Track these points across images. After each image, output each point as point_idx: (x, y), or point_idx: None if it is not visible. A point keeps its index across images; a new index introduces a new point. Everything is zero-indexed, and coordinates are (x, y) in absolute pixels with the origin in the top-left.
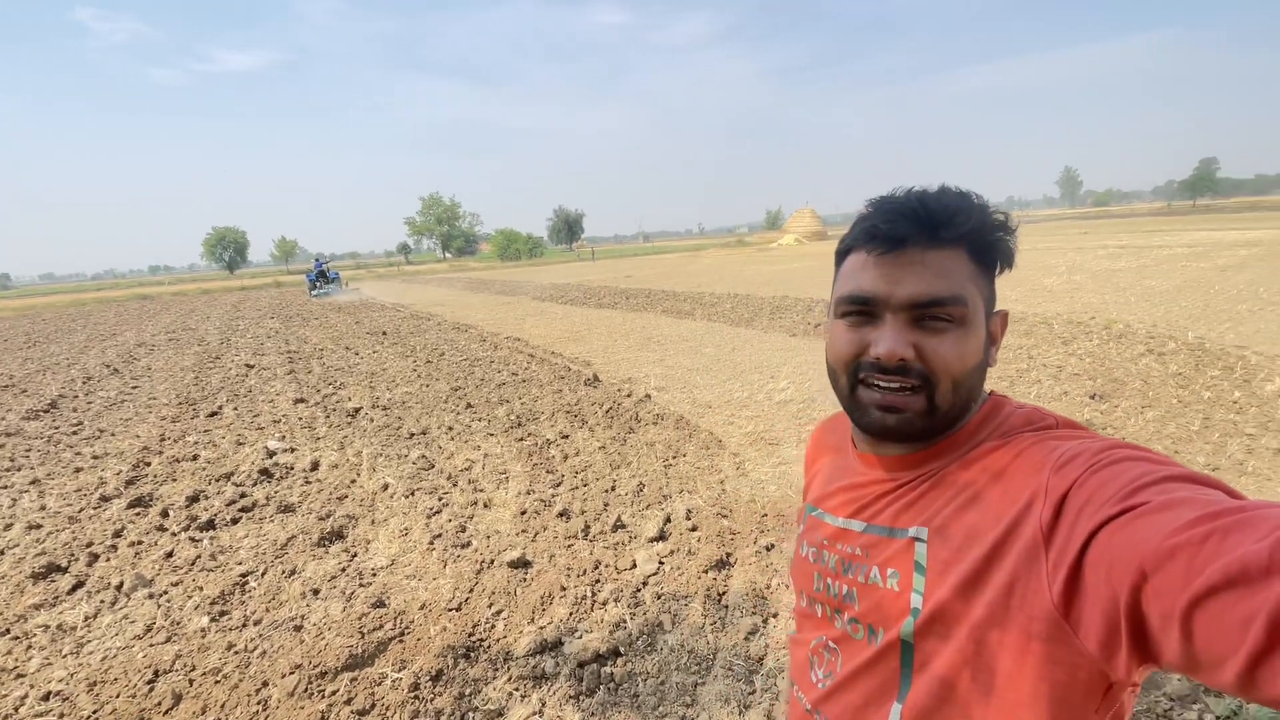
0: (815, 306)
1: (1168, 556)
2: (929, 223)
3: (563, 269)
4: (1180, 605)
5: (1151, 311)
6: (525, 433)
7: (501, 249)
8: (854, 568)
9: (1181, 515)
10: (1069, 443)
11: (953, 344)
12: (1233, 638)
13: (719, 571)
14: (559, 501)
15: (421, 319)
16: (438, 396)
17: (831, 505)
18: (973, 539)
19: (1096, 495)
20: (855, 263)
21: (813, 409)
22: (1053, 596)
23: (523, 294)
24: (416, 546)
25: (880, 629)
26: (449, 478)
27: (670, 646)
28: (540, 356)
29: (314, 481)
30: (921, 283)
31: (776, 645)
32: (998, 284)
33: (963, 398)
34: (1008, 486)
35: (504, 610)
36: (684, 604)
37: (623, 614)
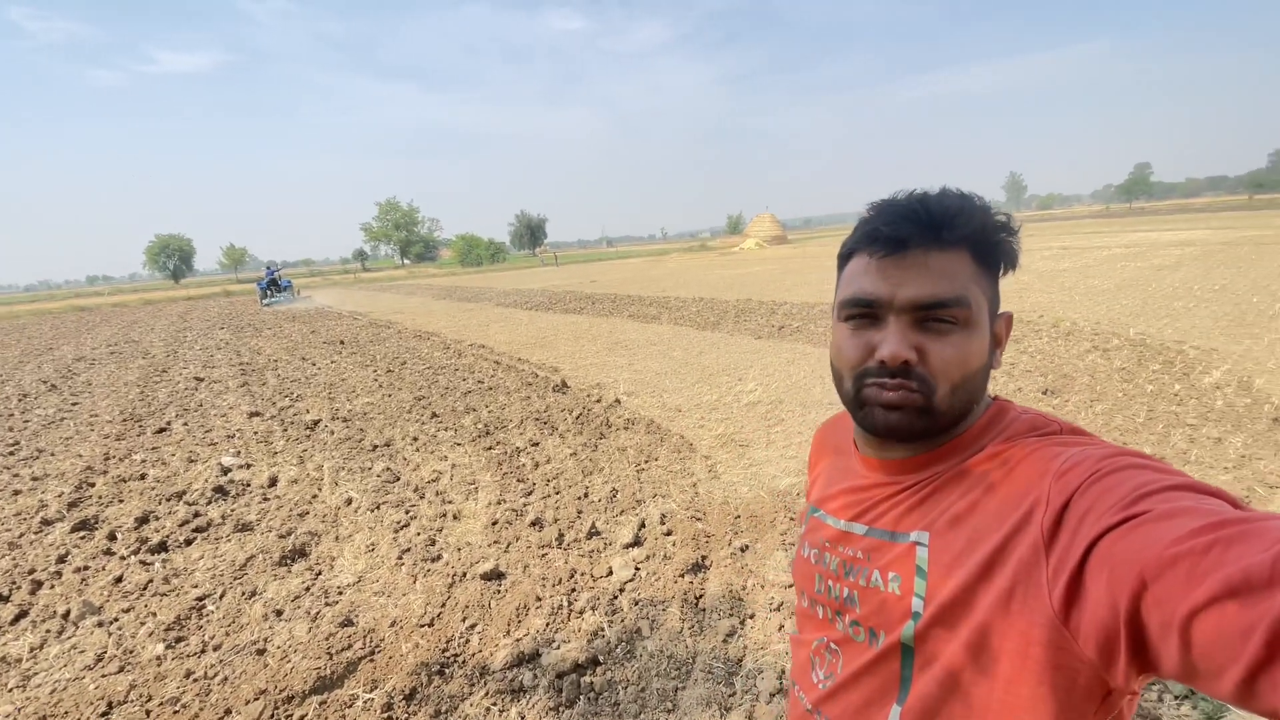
0: (778, 309)
1: (1169, 565)
2: (931, 224)
3: (526, 274)
4: (1180, 614)
5: (1095, 310)
6: (494, 441)
7: (462, 255)
8: (855, 570)
9: (1184, 524)
10: (1072, 449)
11: (956, 345)
12: (1233, 648)
13: (695, 575)
14: (531, 510)
15: (381, 327)
16: (401, 406)
17: (834, 507)
18: (974, 544)
19: (1099, 503)
20: (858, 266)
21: (780, 410)
22: (1053, 603)
23: (486, 300)
24: (384, 562)
25: (881, 632)
26: (416, 490)
27: (649, 653)
28: (506, 363)
29: (273, 498)
30: (924, 285)
31: (755, 646)
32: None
33: (966, 399)
34: (1010, 492)
35: (478, 624)
36: (661, 609)
37: (600, 622)
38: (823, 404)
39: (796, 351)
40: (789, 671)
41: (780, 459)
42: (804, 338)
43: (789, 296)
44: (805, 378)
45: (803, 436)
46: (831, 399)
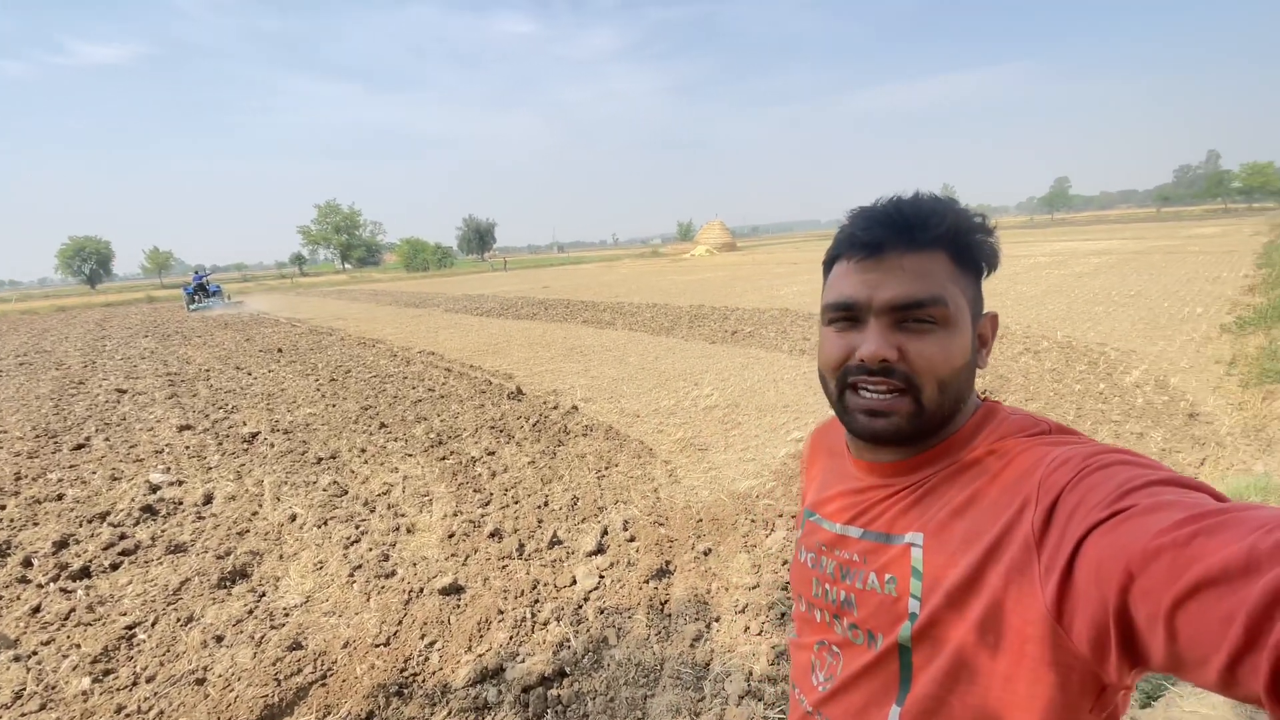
0: (731, 315)
1: (1153, 558)
2: (905, 227)
3: (475, 280)
4: (1164, 605)
5: (1025, 314)
6: (447, 451)
7: (408, 259)
8: (852, 573)
9: (1167, 518)
10: (1060, 448)
11: (936, 345)
12: (1214, 636)
13: (660, 581)
14: (489, 521)
15: (322, 334)
16: (346, 417)
17: (829, 511)
18: (967, 544)
19: (1086, 500)
20: (839, 271)
21: (737, 413)
22: (1046, 600)
23: (433, 306)
24: (334, 580)
25: (880, 634)
26: (366, 504)
27: (617, 661)
28: (458, 370)
29: (208, 516)
30: (901, 285)
31: (722, 649)
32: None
33: (950, 399)
34: (1001, 491)
35: (438, 641)
36: (627, 617)
37: (565, 633)
38: (777, 407)
39: (750, 356)
40: (789, 675)
41: (739, 462)
42: (756, 343)
43: (740, 302)
44: (759, 382)
45: (759, 440)
46: (786, 402)
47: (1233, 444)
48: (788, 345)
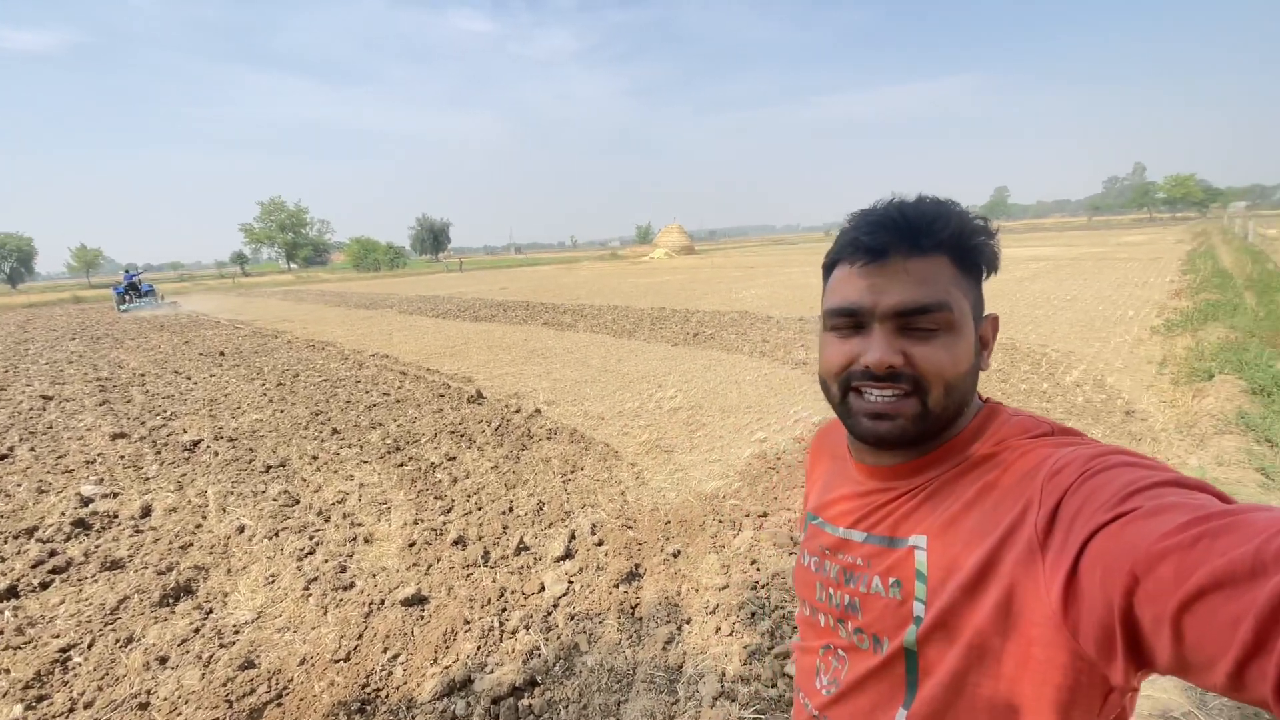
0: (692, 317)
1: (1158, 560)
2: (909, 231)
3: (430, 280)
4: (1170, 608)
5: None
6: (405, 457)
7: (358, 259)
8: (856, 578)
9: (1172, 520)
10: (1063, 450)
11: (942, 349)
12: (1222, 639)
13: (630, 584)
14: (452, 529)
15: (267, 336)
16: (296, 423)
17: (832, 515)
18: (971, 546)
19: (1090, 501)
20: (841, 275)
21: (701, 415)
22: (1051, 602)
23: (386, 307)
24: (288, 594)
25: (885, 638)
26: (319, 513)
27: (589, 668)
28: (414, 374)
29: (147, 530)
30: (905, 291)
31: (694, 651)
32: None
33: (955, 402)
34: (1004, 493)
35: (401, 654)
36: (598, 622)
37: (535, 641)
38: (740, 408)
39: (712, 358)
40: (793, 679)
41: (705, 463)
42: (718, 345)
43: (701, 305)
44: (722, 383)
45: (724, 441)
46: (748, 403)
47: (1167, 439)
48: (748, 347)
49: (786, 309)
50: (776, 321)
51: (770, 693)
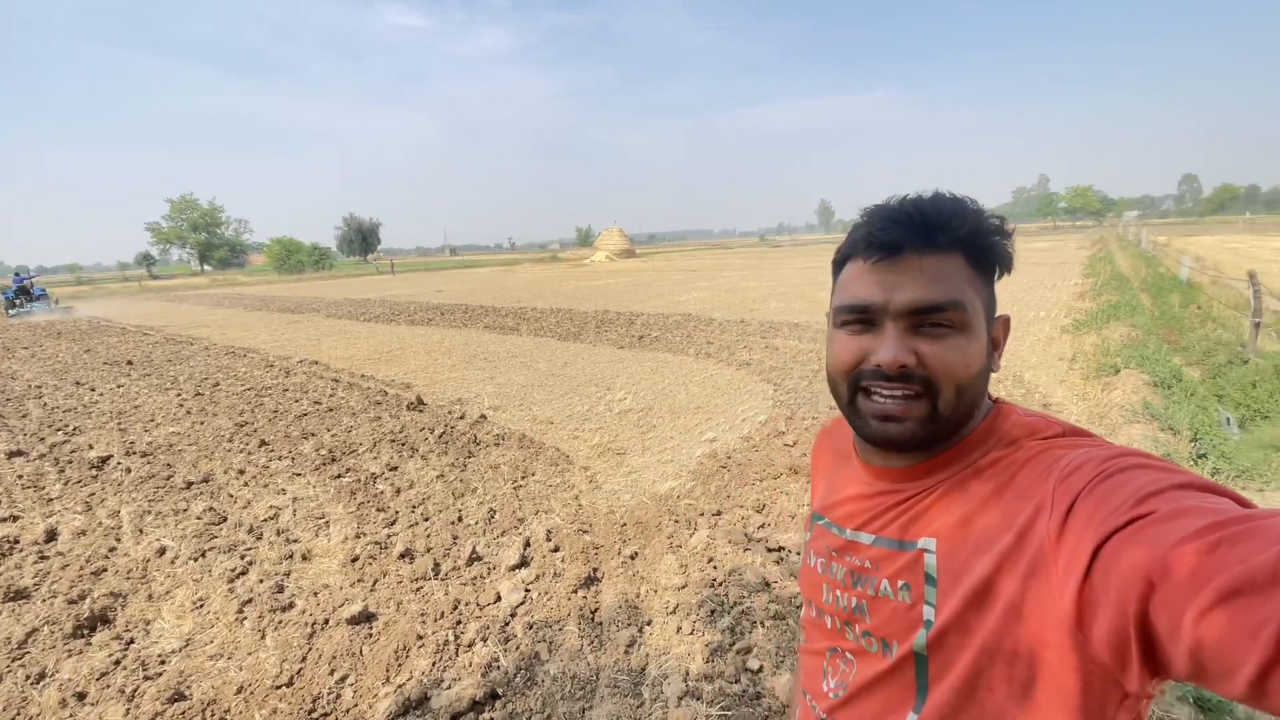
0: (636, 320)
1: (1175, 565)
2: (925, 228)
3: (359, 283)
4: (1188, 614)
5: None
6: (342, 469)
7: (279, 261)
8: (864, 580)
9: (1189, 524)
10: (1076, 451)
11: (954, 349)
12: (1243, 646)
13: (588, 589)
14: (398, 541)
15: (181, 343)
16: (219, 435)
17: (839, 516)
18: (982, 549)
19: (1104, 504)
20: (853, 271)
21: (651, 416)
22: (1064, 606)
23: (313, 311)
24: (219, 618)
25: (894, 642)
26: (250, 530)
27: (551, 676)
28: (348, 381)
29: (54, 555)
30: (919, 289)
31: (657, 653)
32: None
33: (966, 403)
34: (1015, 495)
35: (350, 675)
36: (558, 629)
37: (494, 652)
38: (689, 409)
39: (659, 360)
40: (797, 681)
41: (658, 464)
42: (664, 347)
43: (644, 308)
44: (670, 385)
45: (675, 441)
46: (697, 404)
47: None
48: (693, 349)
49: (728, 311)
50: (719, 324)
51: (734, 689)
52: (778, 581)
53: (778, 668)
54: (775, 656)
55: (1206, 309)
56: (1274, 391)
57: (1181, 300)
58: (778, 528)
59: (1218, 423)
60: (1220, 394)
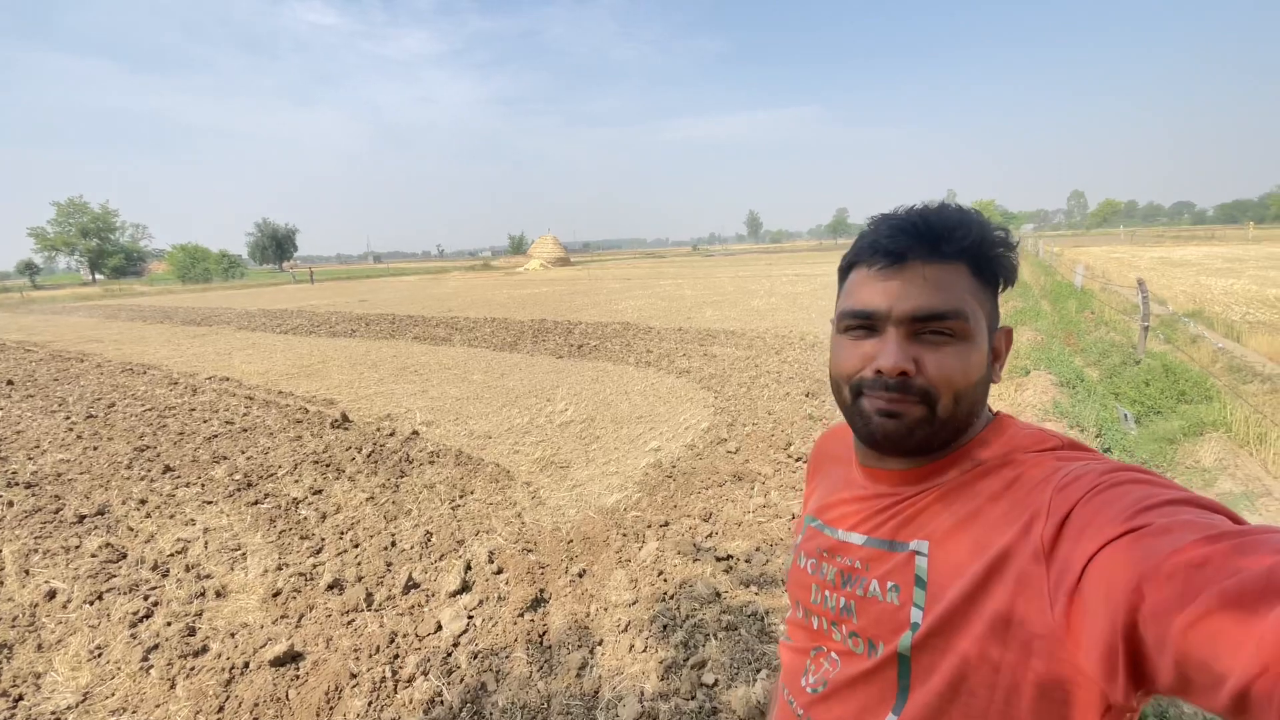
0: (575, 329)
1: (1166, 579)
2: (930, 237)
3: (274, 293)
4: (1176, 627)
5: (829, 325)
6: (259, 494)
7: (183, 269)
8: (853, 580)
9: (1182, 538)
10: (1073, 464)
11: (954, 357)
12: (1228, 661)
13: (535, 612)
14: (325, 571)
15: (69, 360)
16: (115, 462)
17: (832, 517)
18: (974, 555)
19: (1099, 516)
20: (858, 278)
21: (594, 427)
22: (1054, 615)
23: (222, 323)
24: (121, 668)
25: (880, 643)
26: (155, 567)
27: (500, 708)
28: (263, 398)
29: None
30: (922, 297)
31: (610, 674)
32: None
33: (964, 411)
34: (1010, 504)
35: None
36: (505, 657)
37: (436, 686)
38: (632, 419)
39: (599, 369)
40: (779, 677)
41: (603, 476)
42: (603, 356)
43: (582, 316)
44: (612, 394)
45: (619, 452)
46: (639, 413)
47: None
48: (634, 358)
49: (665, 319)
50: (658, 332)
51: (690, 705)
52: (728, 591)
53: (733, 680)
54: (730, 669)
55: (1099, 314)
56: (1164, 389)
57: (1077, 306)
58: (725, 536)
59: (1118, 419)
60: (1117, 392)
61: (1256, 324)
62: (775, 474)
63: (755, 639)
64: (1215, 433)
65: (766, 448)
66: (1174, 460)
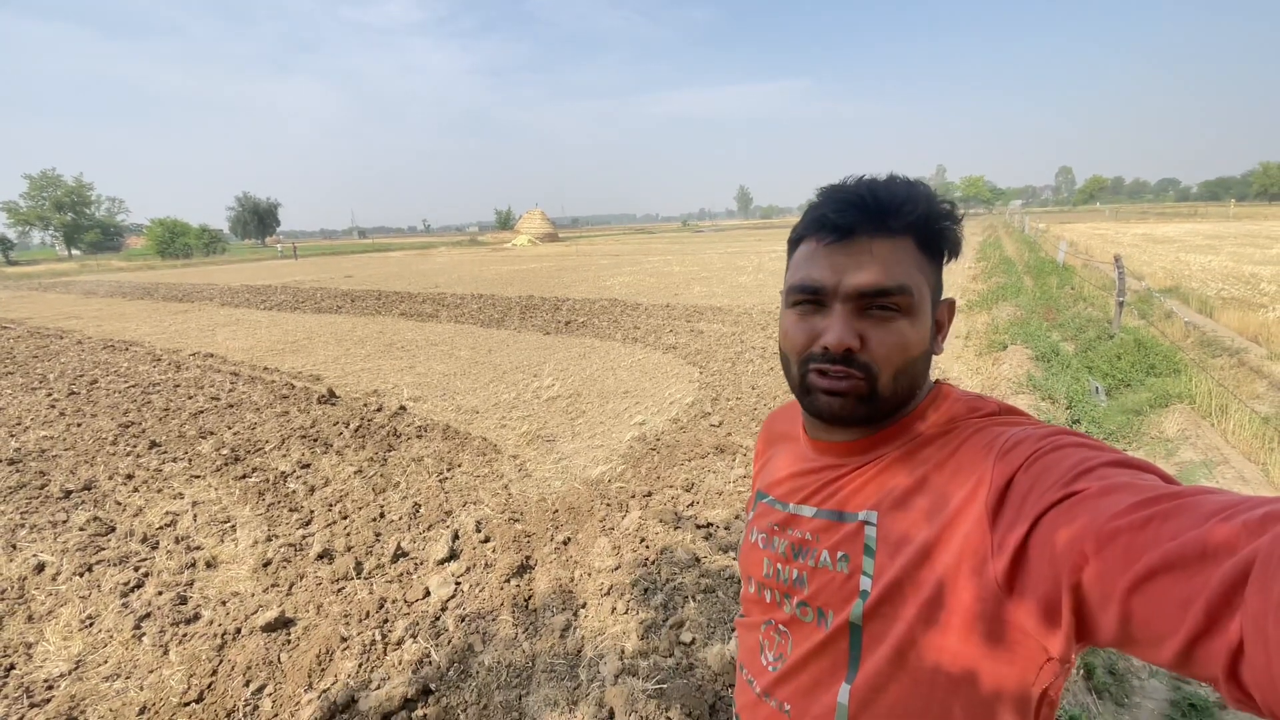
0: (563, 305)
1: (1108, 540)
2: (877, 212)
3: (257, 268)
4: (1121, 587)
5: None
6: (248, 468)
7: (162, 244)
8: (805, 552)
9: (1121, 500)
10: (1012, 429)
11: (898, 333)
12: (1172, 619)
13: (521, 578)
14: (315, 542)
15: (49, 337)
16: (101, 438)
17: (782, 492)
18: (920, 522)
19: (1041, 480)
20: (805, 252)
21: (580, 402)
22: (998, 578)
23: (205, 299)
24: (114, 636)
25: (830, 612)
26: (144, 540)
27: (486, 667)
28: (249, 374)
29: None
30: (869, 273)
31: (592, 634)
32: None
33: (905, 385)
34: (954, 471)
35: (268, 684)
36: (491, 620)
37: (425, 648)
38: (617, 393)
39: (586, 346)
40: (736, 656)
41: (588, 449)
42: (590, 332)
43: (570, 293)
44: (598, 370)
45: (605, 426)
46: (625, 388)
47: None
48: (620, 334)
49: (653, 296)
50: (645, 308)
51: (668, 662)
52: (707, 556)
53: (709, 638)
54: (707, 628)
55: (1079, 290)
56: (1134, 363)
57: (1059, 282)
58: (706, 505)
59: (1089, 391)
60: (1090, 366)
61: (1230, 300)
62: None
63: (731, 600)
64: (1180, 404)
65: (749, 421)
66: (1140, 430)
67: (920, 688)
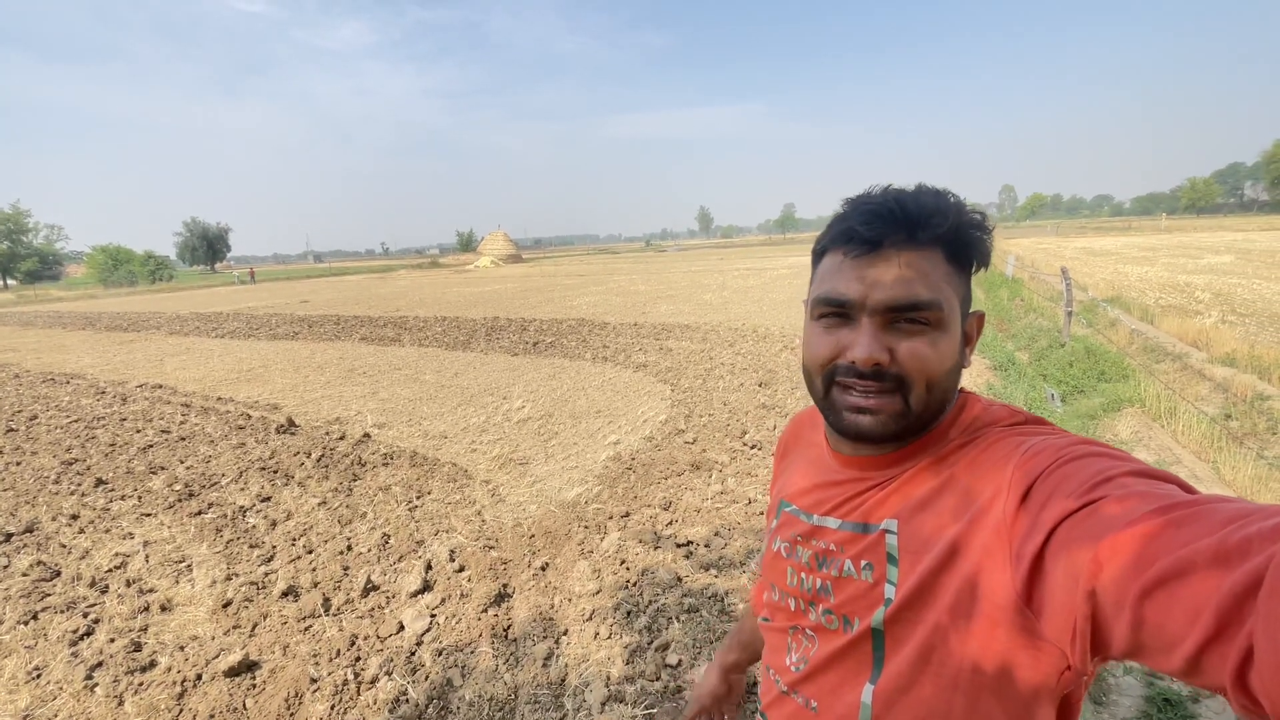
0: (529, 326)
1: (1122, 547)
2: (906, 224)
3: (208, 295)
4: (1133, 593)
5: (779, 317)
6: (203, 504)
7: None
8: (829, 562)
9: (1137, 508)
10: (1034, 439)
11: (928, 346)
12: (1182, 626)
13: (499, 606)
14: (278, 579)
15: None
16: (42, 477)
17: (807, 503)
18: (940, 530)
19: (1060, 489)
20: (831, 264)
21: (552, 423)
22: (1016, 586)
23: (151, 329)
24: (64, 687)
25: (855, 618)
26: (92, 584)
27: (467, 702)
28: (202, 405)
29: None
30: (898, 286)
31: (575, 661)
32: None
33: (937, 399)
34: (975, 479)
35: None
36: (470, 652)
37: (401, 685)
38: (590, 413)
39: (555, 366)
40: (763, 656)
41: (562, 471)
42: (559, 352)
43: (536, 314)
44: (569, 390)
45: (578, 446)
46: (598, 407)
47: None
48: (590, 353)
49: (620, 315)
50: (613, 327)
51: (655, 686)
52: (689, 575)
53: (695, 659)
54: (693, 649)
55: (1029, 301)
56: (1086, 370)
57: (1009, 294)
58: (685, 523)
59: (1045, 398)
60: (1045, 374)
61: (1168, 307)
62: (732, 462)
63: (716, 619)
64: (1131, 408)
65: (723, 437)
66: (1095, 434)
67: (943, 689)
